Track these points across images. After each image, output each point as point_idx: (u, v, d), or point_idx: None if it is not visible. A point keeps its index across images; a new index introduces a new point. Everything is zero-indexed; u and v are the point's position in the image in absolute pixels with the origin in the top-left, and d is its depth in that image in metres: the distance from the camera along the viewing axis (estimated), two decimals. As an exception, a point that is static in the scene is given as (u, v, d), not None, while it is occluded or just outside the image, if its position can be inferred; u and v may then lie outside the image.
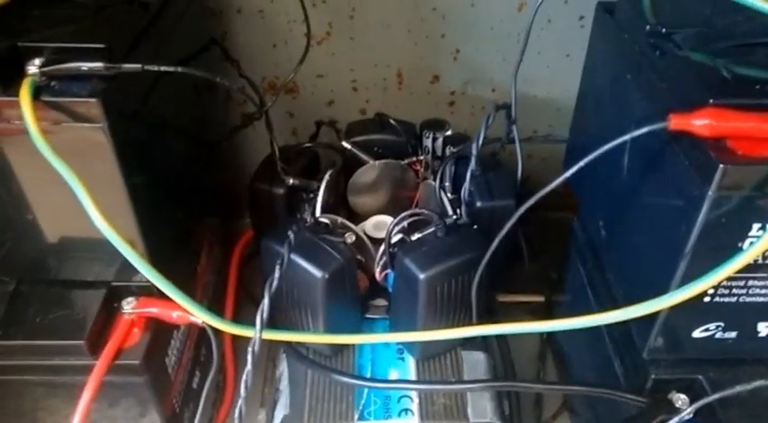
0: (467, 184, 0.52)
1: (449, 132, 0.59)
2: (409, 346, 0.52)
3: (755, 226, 0.33)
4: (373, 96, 0.70)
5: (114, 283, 0.46)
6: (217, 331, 0.44)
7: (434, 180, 0.56)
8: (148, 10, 0.45)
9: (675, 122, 0.33)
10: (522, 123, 0.55)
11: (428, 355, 0.53)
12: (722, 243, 0.34)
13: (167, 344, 0.49)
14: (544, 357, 0.64)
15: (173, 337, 0.51)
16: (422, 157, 0.60)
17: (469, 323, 0.50)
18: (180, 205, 0.54)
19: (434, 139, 0.59)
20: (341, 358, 0.53)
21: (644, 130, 0.33)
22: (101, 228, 0.36)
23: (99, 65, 0.37)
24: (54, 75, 0.37)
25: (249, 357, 0.40)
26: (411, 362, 0.53)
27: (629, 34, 0.43)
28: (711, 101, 0.33)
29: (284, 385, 0.51)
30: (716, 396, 0.37)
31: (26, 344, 0.44)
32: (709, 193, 0.32)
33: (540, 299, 0.66)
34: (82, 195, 0.36)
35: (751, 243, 0.34)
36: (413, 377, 0.52)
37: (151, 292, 0.46)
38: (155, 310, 0.45)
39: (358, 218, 0.59)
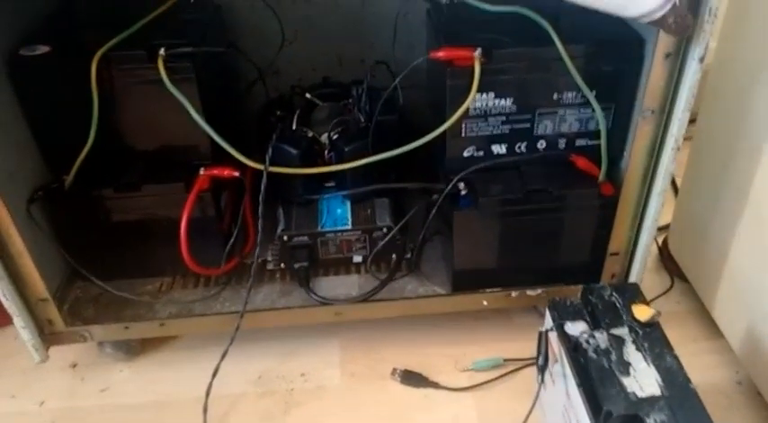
0: (364, 106, 0.99)
1: (364, 85, 1.06)
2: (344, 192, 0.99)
3: (472, 94, 0.80)
4: (324, 72, 1.17)
5: (194, 162, 0.92)
6: (245, 182, 0.91)
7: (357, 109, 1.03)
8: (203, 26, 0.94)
9: (430, 55, 0.80)
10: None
11: (356, 199, 0.99)
12: (457, 106, 0.81)
13: (220, 193, 0.96)
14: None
15: (222, 192, 0.97)
16: (350, 100, 1.07)
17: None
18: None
19: (357, 90, 1.06)
20: (312, 204, 1.00)
21: (419, 60, 0.81)
22: (200, 122, 0.83)
23: (189, 49, 0.85)
24: (170, 54, 0.84)
25: (263, 181, 0.86)
26: (348, 205, 1.00)
27: (434, 22, 0.91)
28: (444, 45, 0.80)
29: (280, 216, 0.98)
30: (470, 170, 0.84)
31: (154, 186, 0.91)
32: (446, 81, 0.80)
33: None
34: (190, 108, 0.83)
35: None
36: (348, 212, 0.99)
37: (212, 164, 0.92)
38: (215, 171, 0.92)
39: (318, 137, 1.06)
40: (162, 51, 0.83)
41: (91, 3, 0.97)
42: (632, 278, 0.91)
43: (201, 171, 0.91)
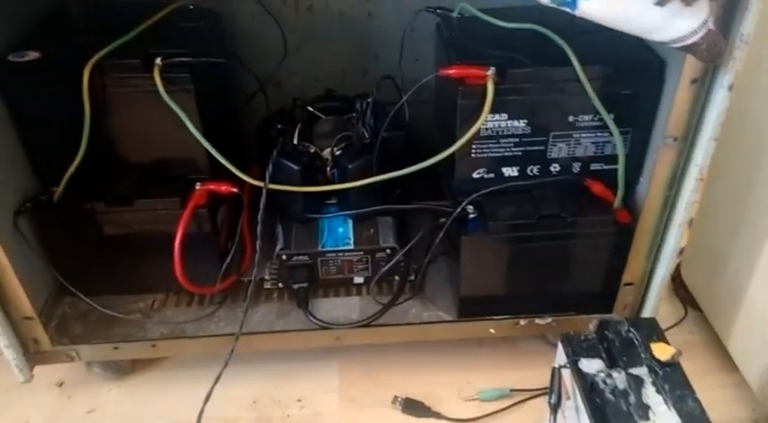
0: (369, 121, 0.95)
1: (369, 99, 1.02)
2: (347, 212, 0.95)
3: (484, 115, 0.76)
4: (327, 84, 1.13)
5: (190, 176, 0.88)
6: (243, 197, 0.87)
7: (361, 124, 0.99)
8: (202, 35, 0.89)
9: (441, 72, 0.76)
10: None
11: (358, 217, 0.95)
12: (468, 126, 0.77)
13: (217, 209, 0.91)
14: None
15: (219, 208, 0.93)
16: (354, 114, 1.02)
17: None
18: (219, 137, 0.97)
19: (361, 104, 1.02)
20: (312, 222, 0.96)
21: (429, 77, 0.77)
22: (197, 136, 0.79)
23: (188, 59, 0.81)
24: (167, 64, 0.80)
25: (262, 199, 0.82)
26: (350, 223, 0.96)
27: (444, 37, 0.87)
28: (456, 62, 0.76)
29: (279, 234, 0.94)
30: (480, 193, 0.80)
31: (148, 200, 0.86)
32: (458, 100, 0.76)
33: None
34: (187, 121, 0.79)
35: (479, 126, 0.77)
36: (350, 231, 0.95)
37: (209, 179, 0.88)
38: (212, 186, 0.88)
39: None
40: (158, 61, 0.79)
41: (85, 8, 0.93)
42: (647, 310, 0.87)
43: (198, 186, 0.87)
